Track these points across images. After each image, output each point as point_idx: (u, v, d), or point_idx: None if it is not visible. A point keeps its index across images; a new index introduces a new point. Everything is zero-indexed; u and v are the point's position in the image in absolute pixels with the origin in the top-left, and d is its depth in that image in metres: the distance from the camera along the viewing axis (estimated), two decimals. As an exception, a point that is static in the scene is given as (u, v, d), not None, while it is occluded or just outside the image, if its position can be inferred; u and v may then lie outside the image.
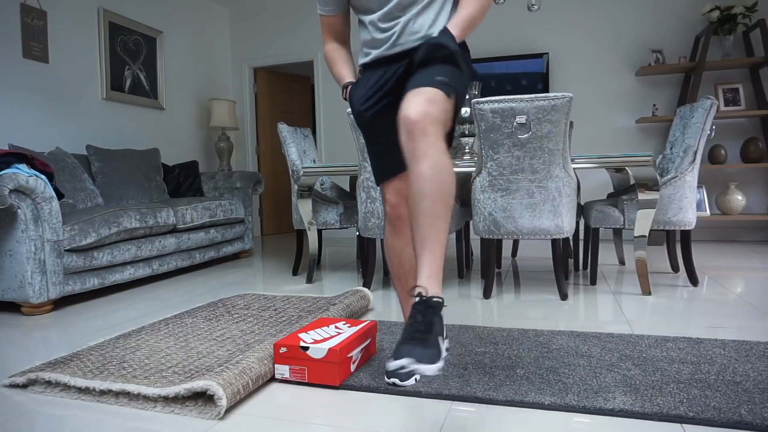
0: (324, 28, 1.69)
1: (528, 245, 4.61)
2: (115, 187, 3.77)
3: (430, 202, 1.23)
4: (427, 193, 1.23)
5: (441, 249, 1.24)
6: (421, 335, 1.13)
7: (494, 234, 2.66)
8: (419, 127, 1.24)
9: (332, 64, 1.68)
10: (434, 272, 1.22)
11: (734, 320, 2.21)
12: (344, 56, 1.68)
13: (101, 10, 4.25)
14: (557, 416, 1.37)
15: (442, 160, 1.25)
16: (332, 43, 1.69)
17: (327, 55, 1.70)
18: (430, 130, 1.25)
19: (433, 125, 1.26)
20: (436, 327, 1.16)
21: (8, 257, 2.59)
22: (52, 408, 1.51)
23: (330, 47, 1.69)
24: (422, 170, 1.23)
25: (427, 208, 1.23)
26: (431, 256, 1.22)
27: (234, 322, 2.23)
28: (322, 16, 1.67)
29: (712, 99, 2.72)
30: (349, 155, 5.67)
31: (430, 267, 1.22)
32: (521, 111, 2.46)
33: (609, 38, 4.86)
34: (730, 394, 1.43)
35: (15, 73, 3.60)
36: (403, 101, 1.32)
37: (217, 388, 1.42)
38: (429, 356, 1.09)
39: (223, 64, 5.94)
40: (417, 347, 1.10)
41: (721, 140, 4.67)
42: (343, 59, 1.67)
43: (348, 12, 1.67)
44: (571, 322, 2.24)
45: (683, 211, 2.78)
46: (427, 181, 1.23)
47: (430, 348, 1.11)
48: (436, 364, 1.09)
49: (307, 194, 3.13)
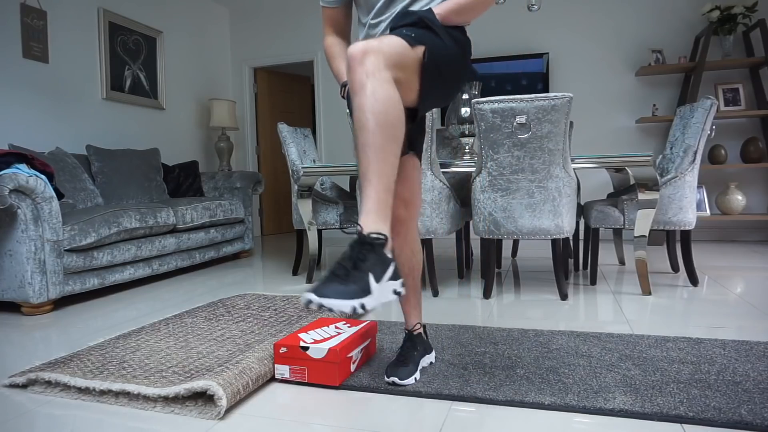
0: (325, 20, 1.66)
1: (528, 245, 4.61)
2: (115, 187, 3.77)
3: (369, 133, 1.15)
4: (364, 124, 1.15)
5: (383, 182, 1.15)
6: (344, 271, 1.07)
7: (494, 234, 2.66)
8: (358, 58, 1.17)
9: (331, 58, 1.63)
10: (374, 206, 1.14)
11: (734, 320, 2.21)
12: (344, 51, 1.63)
13: (101, 10, 4.26)
14: (557, 416, 1.37)
15: (382, 89, 1.16)
16: (333, 36, 1.66)
17: (327, 50, 1.65)
18: (370, 60, 1.17)
19: (375, 55, 1.17)
20: (367, 264, 1.09)
21: (8, 257, 2.59)
22: (52, 408, 1.51)
23: (330, 41, 1.65)
24: (361, 102, 1.16)
25: (367, 140, 1.15)
26: (370, 188, 1.14)
27: (234, 322, 2.23)
28: (324, 8, 1.65)
29: (712, 99, 2.72)
30: (349, 155, 5.67)
31: (369, 201, 1.14)
32: (521, 111, 2.46)
33: (609, 38, 4.86)
34: (730, 394, 1.43)
35: (15, 73, 3.60)
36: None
37: (217, 388, 1.42)
38: (344, 292, 1.04)
39: (223, 64, 5.94)
40: (333, 283, 1.05)
41: (721, 140, 4.67)
42: (342, 54, 1.62)
43: (350, 5, 1.65)
44: (571, 322, 2.24)
45: (683, 211, 2.78)
46: (364, 112, 1.15)
47: (349, 284, 1.05)
48: (351, 301, 1.03)
49: (307, 194, 3.13)
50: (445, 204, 2.77)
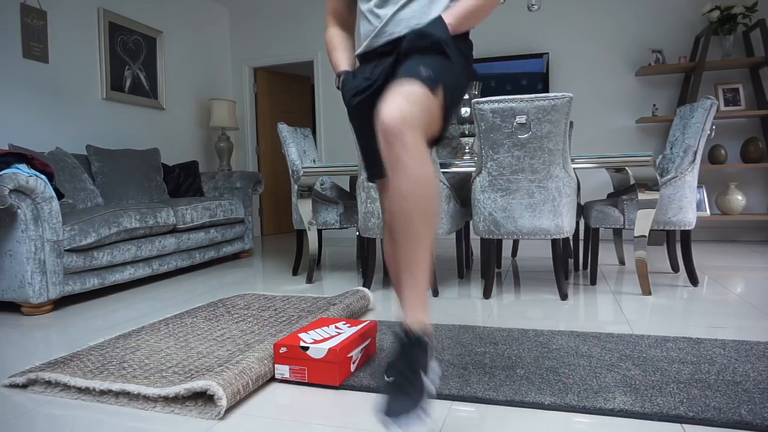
0: (328, 10, 1.63)
1: (528, 245, 4.61)
2: (115, 187, 3.77)
3: (408, 221, 1.13)
4: (404, 211, 1.13)
5: (422, 268, 1.15)
6: (404, 381, 1.11)
7: (494, 234, 2.66)
8: (396, 134, 1.12)
9: (331, 49, 1.59)
10: (418, 298, 1.16)
11: (734, 320, 2.21)
12: (344, 43, 1.59)
13: (101, 10, 4.25)
14: (557, 416, 1.37)
15: (423, 173, 1.13)
16: (334, 27, 1.62)
17: (328, 41, 1.61)
18: (409, 137, 1.12)
19: (413, 130, 1.13)
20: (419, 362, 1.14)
21: (8, 257, 2.59)
22: (52, 408, 1.51)
23: (332, 32, 1.61)
24: (400, 185, 1.12)
25: (406, 228, 1.13)
26: (412, 281, 1.15)
27: (234, 322, 2.23)
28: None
29: (712, 99, 2.72)
30: (349, 155, 5.67)
31: (413, 293, 1.16)
32: (521, 111, 2.46)
33: (609, 38, 4.86)
34: (730, 394, 1.43)
35: (15, 73, 3.60)
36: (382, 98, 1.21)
37: (217, 388, 1.42)
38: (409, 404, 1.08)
39: (223, 64, 5.94)
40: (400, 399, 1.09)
41: (721, 140, 4.67)
42: (342, 46, 1.58)
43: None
44: (571, 322, 2.24)
45: (683, 211, 2.78)
46: (405, 199, 1.12)
47: (412, 394, 1.10)
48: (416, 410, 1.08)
49: (307, 194, 3.13)
50: (445, 204, 2.77)
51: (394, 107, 1.14)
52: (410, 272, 1.15)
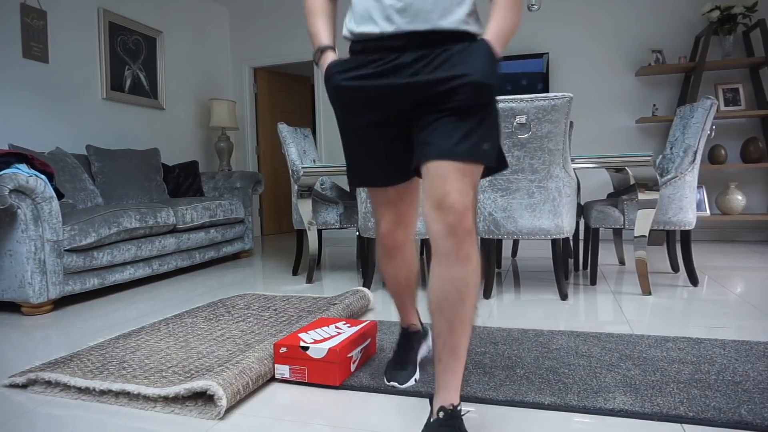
0: None
1: (528, 245, 4.61)
2: (115, 187, 3.77)
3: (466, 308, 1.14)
4: (464, 299, 1.13)
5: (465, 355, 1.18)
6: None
7: (494, 234, 2.66)
8: (464, 224, 1.10)
9: (311, 14, 1.38)
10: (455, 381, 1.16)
11: (734, 320, 2.21)
12: (326, 10, 1.39)
13: (101, 10, 4.25)
14: (557, 416, 1.37)
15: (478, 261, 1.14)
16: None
17: (308, 5, 1.39)
18: (472, 225, 1.12)
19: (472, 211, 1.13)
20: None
21: (8, 257, 2.59)
22: (52, 408, 1.51)
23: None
24: (466, 276, 1.12)
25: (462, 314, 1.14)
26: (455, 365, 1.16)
27: (234, 322, 2.23)
28: None
29: (712, 99, 2.72)
30: (349, 155, 5.66)
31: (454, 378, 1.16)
32: (521, 111, 2.46)
33: (609, 38, 4.86)
34: (730, 394, 1.43)
35: (15, 73, 3.60)
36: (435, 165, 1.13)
37: (217, 388, 1.42)
38: None
39: (223, 64, 5.94)
40: None
41: (721, 140, 4.67)
42: (324, 13, 1.38)
43: None
44: (571, 322, 2.24)
45: (683, 211, 2.78)
46: (468, 288, 1.13)
47: None
48: None
49: (307, 194, 3.13)
50: (445, 204, 2.76)
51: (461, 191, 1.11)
52: (455, 356, 1.16)
